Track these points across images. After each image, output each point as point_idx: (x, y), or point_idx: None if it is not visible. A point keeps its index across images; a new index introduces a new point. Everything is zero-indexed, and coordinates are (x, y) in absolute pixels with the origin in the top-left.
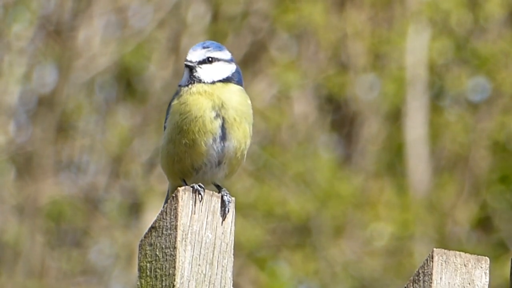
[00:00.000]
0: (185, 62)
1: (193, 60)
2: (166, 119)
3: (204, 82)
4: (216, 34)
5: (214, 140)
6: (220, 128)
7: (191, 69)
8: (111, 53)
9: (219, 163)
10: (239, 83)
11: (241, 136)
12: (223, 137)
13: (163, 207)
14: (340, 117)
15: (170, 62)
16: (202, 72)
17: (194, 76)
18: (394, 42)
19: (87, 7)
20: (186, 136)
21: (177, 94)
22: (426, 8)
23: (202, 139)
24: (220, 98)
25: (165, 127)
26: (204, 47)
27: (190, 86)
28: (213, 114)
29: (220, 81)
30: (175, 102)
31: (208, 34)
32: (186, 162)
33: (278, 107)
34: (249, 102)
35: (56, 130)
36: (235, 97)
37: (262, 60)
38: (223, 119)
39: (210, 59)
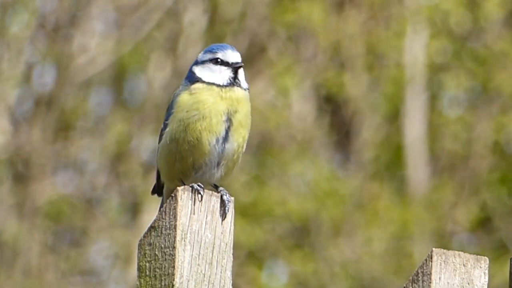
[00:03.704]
0: (238, 64)
1: (241, 61)
2: (168, 116)
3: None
4: (214, 35)
5: (217, 140)
6: (225, 130)
7: (237, 69)
8: (110, 53)
9: (218, 164)
10: (247, 88)
11: (241, 140)
12: (225, 139)
13: (159, 210)
14: (338, 117)
15: (168, 62)
16: (241, 74)
17: (237, 78)
18: (393, 42)
19: (85, 7)
20: (192, 133)
21: (184, 90)
22: (424, 8)
23: (207, 138)
24: (235, 105)
25: (165, 125)
26: (235, 50)
27: (205, 85)
28: (225, 117)
29: (239, 85)
30: (183, 97)
31: (206, 35)
32: (188, 162)
33: (277, 107)
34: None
35: (54, 129)
36: (246, 104)
37: (260, 61)
38: (231, 122)
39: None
